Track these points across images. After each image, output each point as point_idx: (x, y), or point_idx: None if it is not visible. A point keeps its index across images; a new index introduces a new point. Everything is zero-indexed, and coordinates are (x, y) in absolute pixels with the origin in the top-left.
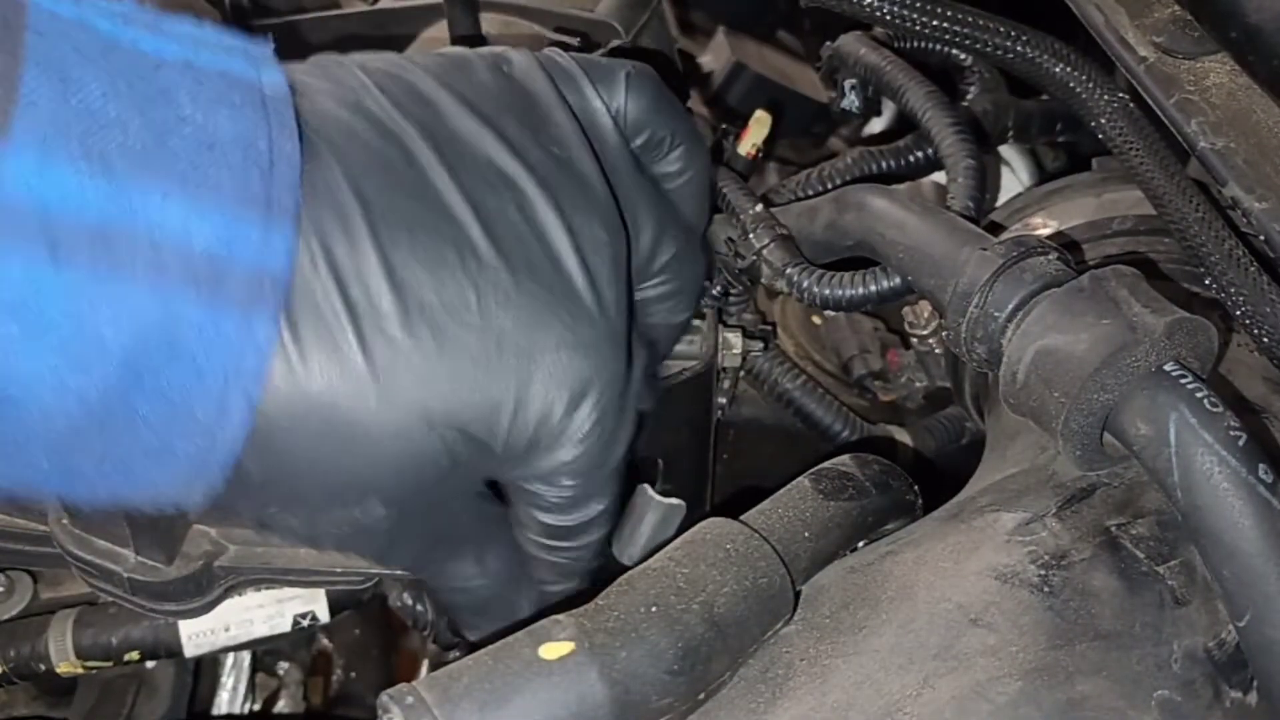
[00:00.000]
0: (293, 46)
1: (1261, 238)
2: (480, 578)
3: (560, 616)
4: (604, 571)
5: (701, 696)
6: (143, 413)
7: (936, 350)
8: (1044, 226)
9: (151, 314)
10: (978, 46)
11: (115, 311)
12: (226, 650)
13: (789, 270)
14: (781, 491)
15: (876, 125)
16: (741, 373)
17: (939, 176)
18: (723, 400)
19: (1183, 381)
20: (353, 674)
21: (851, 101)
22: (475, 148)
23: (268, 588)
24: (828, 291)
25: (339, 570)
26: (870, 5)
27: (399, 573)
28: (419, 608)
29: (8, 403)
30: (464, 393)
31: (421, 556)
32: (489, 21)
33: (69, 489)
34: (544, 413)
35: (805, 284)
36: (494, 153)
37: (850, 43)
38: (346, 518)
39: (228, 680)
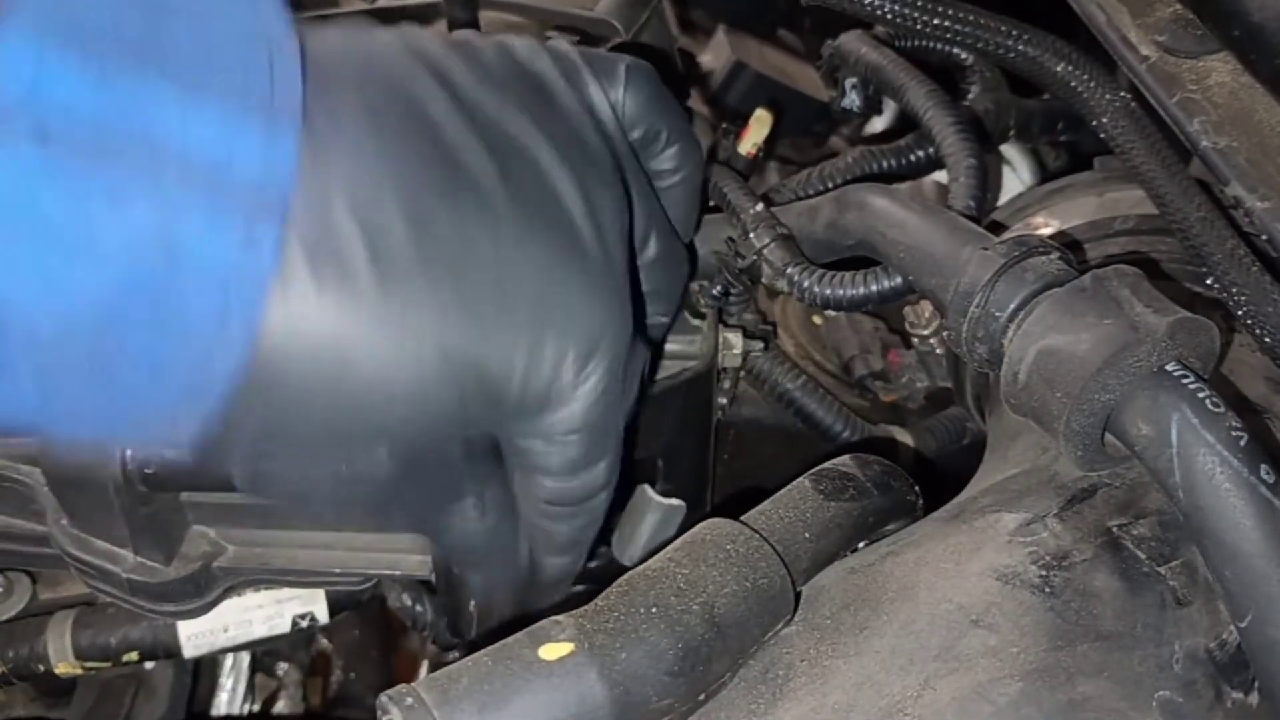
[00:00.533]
0: None
1: (1264, 237)
2: (478, 523)
3: (560, 617)
4: (604, 571)
5: (701, 697)
6: (136, 323)
7: (937, 350)
8: (1045, 226)
9: (149, 221)
10: (979, 45)
11: (110, 213)
12: (225, 651)
13: (789, 270)
14: (782, 492)
15: (877, 124)
16: (741, 373)
17: (940, 176)
18: (723, 400)
19: (1185, 382)
20: (352, 675)
21: (852, 100)
22: (486, 106)
23: (267, 588)
24: (828, 291)
25: (338, 571)
26: (871, 4)
27: (397, 573)
28: (418, 608)
29: None
30: (480, 332)
31: (417, 515)
32: (488, 21)
33: (53, 413)
34: (557, 362)
35: (806, 284)
36: (505, 113)
37: (851, 41)
38: (348, 470)
39: (227, 681)
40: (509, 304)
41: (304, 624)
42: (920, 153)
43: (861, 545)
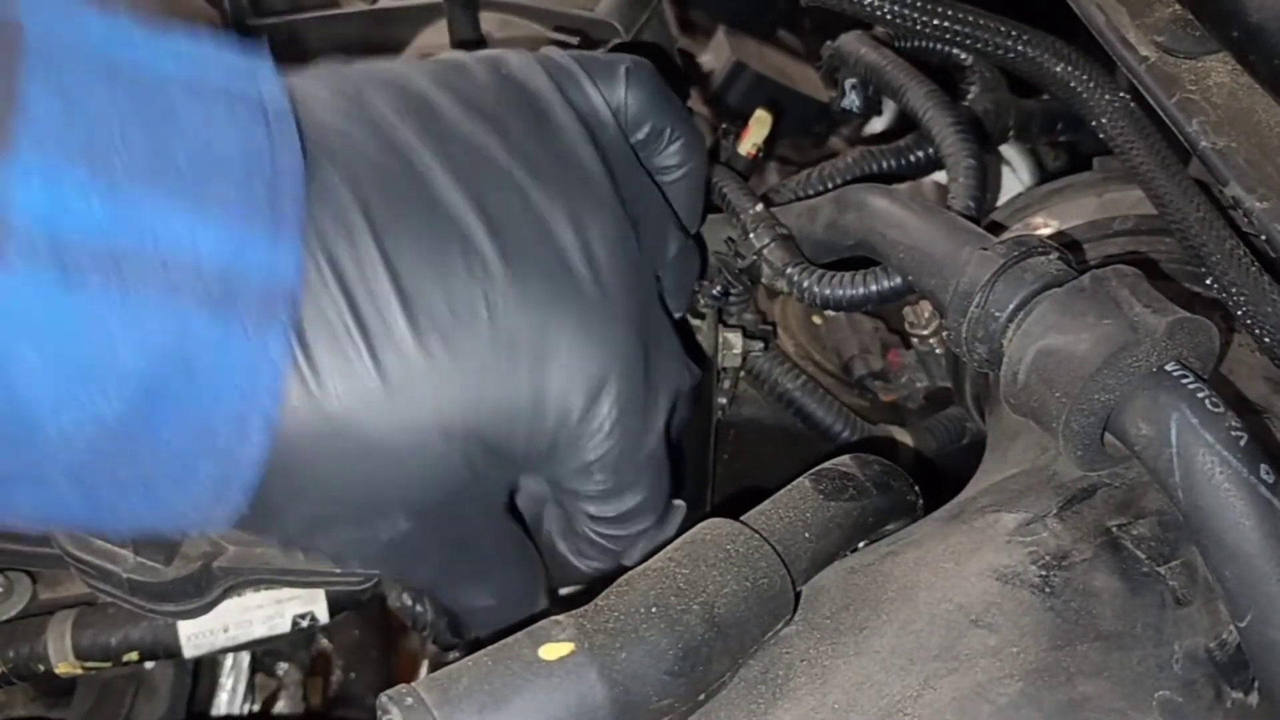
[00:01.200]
0: (292, 46)
1: (1263, 237)
2: (493, 600)
3: (560, 617)
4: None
5: (701, 697)
6: (162, 434)
7: (937, 350)
8: (1045, 226)
9: (165, 333)
10: (978, 46)
11: (129, 332)
12: (225, 651)
13: (789, 270)
14: (782, 492)
15: (877, 125)
16: (741, 373)
17: (940, 176)
18: (723, 400)
19: (1184, 382)
20: (352, 675)
21: (852, 101)
22: (476, 148)
23: (267, 588)
24: (828, 291)
25: (338, 571)
26: (871, 4)
27: None
28: (418, 608)
29: (28, 426)
30: (479, 401)
31: (442, 573)
32: (489, 21)
33: (93, 516)
34: (562, 413)
35: (806, 284)
36: (495, 152)
37: (851, 42)
38: (372, 535)
39: (227, 681)
40: (505, 362)
41: (304, 624)
42: (920, 153)
43: (861, 545)
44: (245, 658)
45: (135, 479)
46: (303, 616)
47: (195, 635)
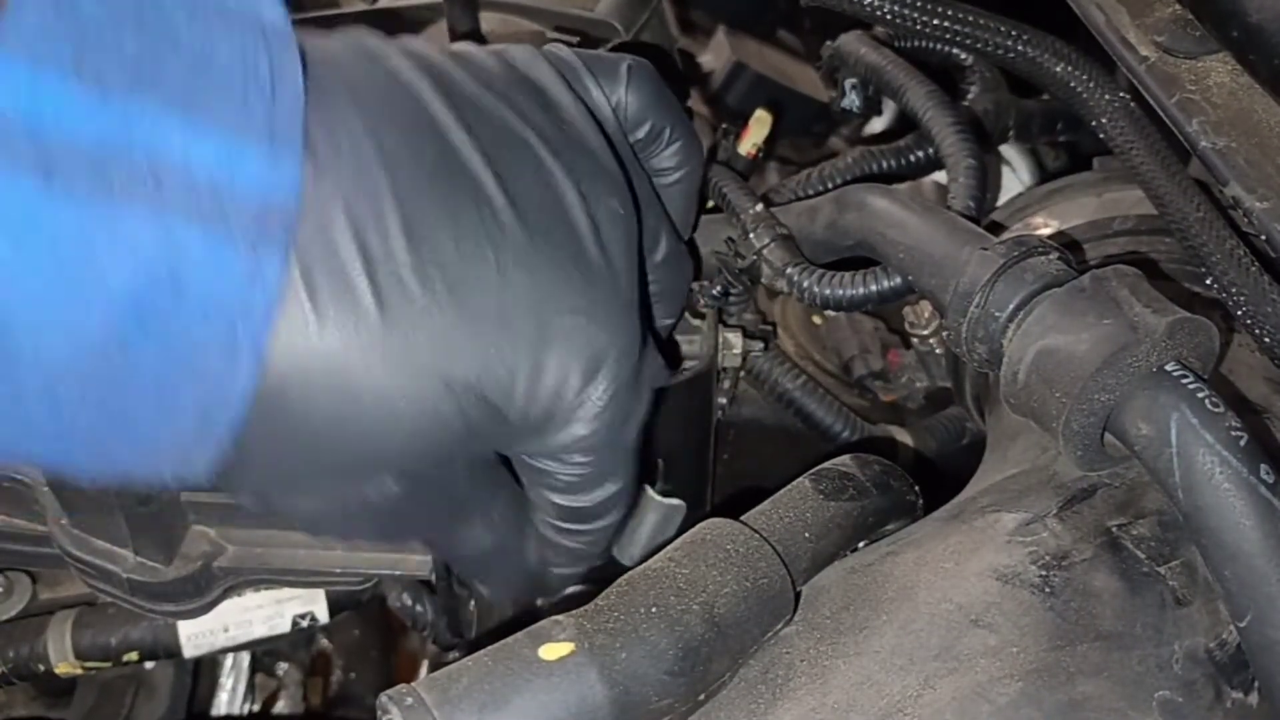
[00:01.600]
0: None
1: (1263, 237)
2: (487, 535)
3: (560, 617)
4: (604, 571)
5: (701, 697)
6: (146, 358)
7: (937, 350)
8: (1045, 226)
9: (152, 245)
10: (978, 46)
11: (114, 241)
12: (225, 651)
13: (789, 270)
14: (782, 492)
15: (877, 125)
16: (741, 373)
17: (940, 176)
18: (723, 400)
19: (1184, 382)
20: (352, 674)
21: (852, 101)
22: (489, 112)
23: (267, 588)
24: (828, 291)
25: (338, 570)
26: (871, 4)
27: (397, 573)
28: (418, 608)
29: (3, 342)
30: (482, 355)
31: (427, 532)
32: (489, 20)
33: (67, 449)
34: (560, 381)
35: (806, 284)
36: (509, 119)
37: (851, 42)
38: (356, 497)
39: (227, 681)
40: (510, 324)
41: (304, 624)
42: (920, 153)
43: (861, 545)
44: (245, 658)
45: (114, 407)
46: (303, 616)
47: (195, 635)
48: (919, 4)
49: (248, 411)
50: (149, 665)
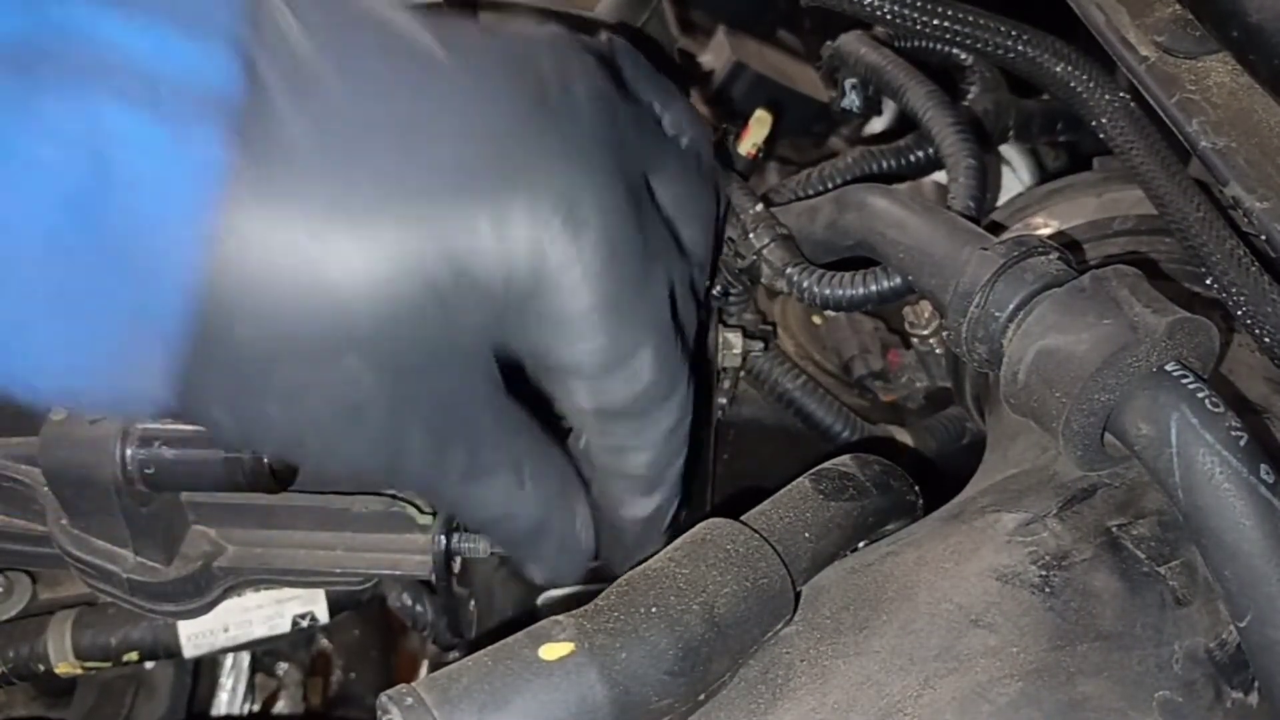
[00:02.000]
0: None
1: (1263, 237)
2: (521, 499)
3: (560, 617)
4: (604, 572)
5: (701, 697)
6: (78, 247)
7: (937, 350)
8: (1045, 226)
9: (70, 124)
10: (978, 46)
11: (29, 122)
12: (225, 651)
13: (789, 270)
14: (782, 492)
15: (877, 125)
16: (741, 373)
17: (940, 176)
18: (723, 400)
19: (1184, 382)
20: (352, 674)
21: (852, 101)
22: (454, 23)
23: (267, 588)
24: (828, 291)
25: (338, 570)
26: (871, 4)
27: (397, 573)
28: (418, 608)
29: None
30: (434, 210)
31: (438, 461)
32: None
33: (15, 359)
34: (534, 233)
35: (805, 284)
36: (472, 30)
37: (851, 42)
38: (330, 394)
39: (227, 681)
40: (465, 170)
41: (304, 624)
42: (920, 153)
43: (861, 545)
44: (245, 658)
45: (58, 312)
46: (303, 616)
47: (195, 635)
48: (919, 4)
49: (199, 304)
50: (149, 665)
